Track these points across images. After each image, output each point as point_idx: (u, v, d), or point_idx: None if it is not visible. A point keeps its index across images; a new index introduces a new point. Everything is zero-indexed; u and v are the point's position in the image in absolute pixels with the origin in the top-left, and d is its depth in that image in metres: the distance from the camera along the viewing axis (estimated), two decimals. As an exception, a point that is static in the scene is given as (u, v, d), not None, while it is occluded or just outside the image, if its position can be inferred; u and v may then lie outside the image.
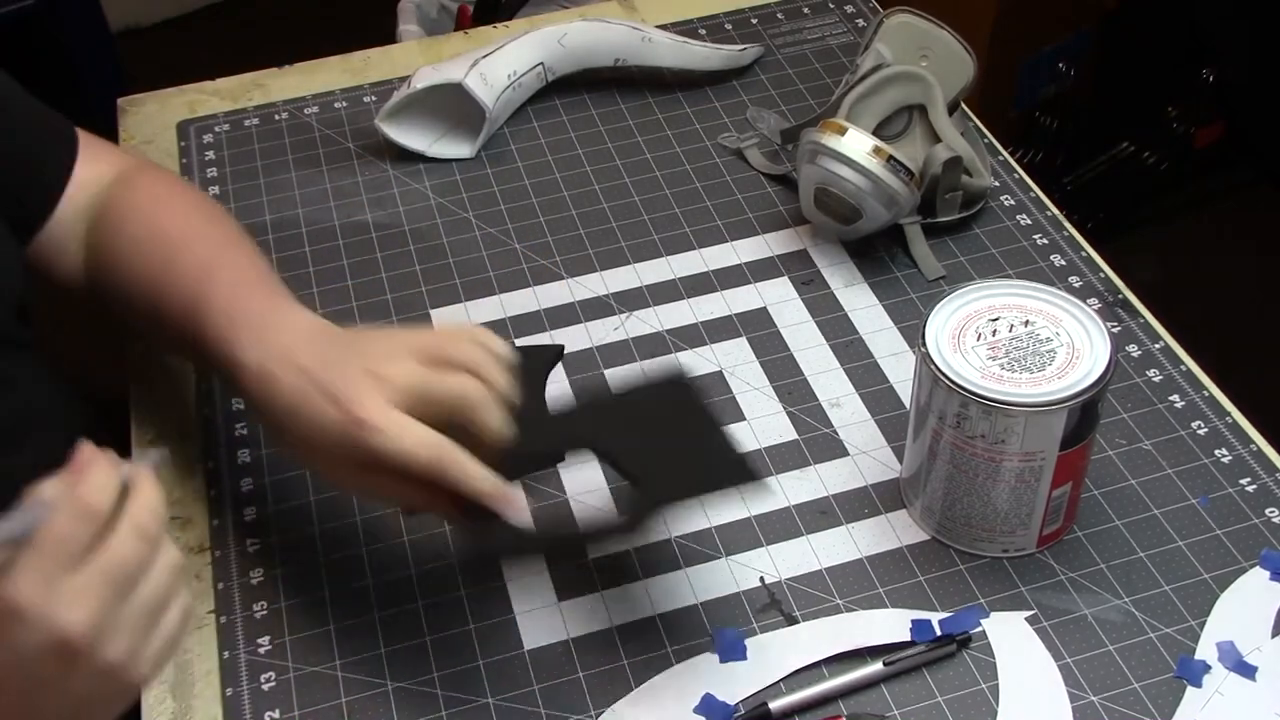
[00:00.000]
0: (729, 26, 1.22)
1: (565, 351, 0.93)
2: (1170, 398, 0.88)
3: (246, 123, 1.14)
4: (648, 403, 0.78)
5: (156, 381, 0.93)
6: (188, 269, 0.79)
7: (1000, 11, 2.00)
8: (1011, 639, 0.75)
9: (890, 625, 0.76)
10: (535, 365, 0.91)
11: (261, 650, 0.77)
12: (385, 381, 0.68)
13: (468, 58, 1.08)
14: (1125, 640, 0.75)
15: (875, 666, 0.74)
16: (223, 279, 0.78)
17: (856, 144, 0.92)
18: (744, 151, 1.09)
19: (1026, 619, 0.76)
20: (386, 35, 1.76)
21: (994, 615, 0.76)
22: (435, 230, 1.03)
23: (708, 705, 0.73)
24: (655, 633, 0.77)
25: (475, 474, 0.68)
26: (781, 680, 0.74)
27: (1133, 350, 0.91)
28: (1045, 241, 0.99)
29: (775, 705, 0.72)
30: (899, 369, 0.91)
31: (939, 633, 0.75)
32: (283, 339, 0.73)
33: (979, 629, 0.75)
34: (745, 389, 0.90)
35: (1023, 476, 0.74)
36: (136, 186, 0.86)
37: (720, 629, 0.76)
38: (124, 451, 0.89)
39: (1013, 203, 1.03)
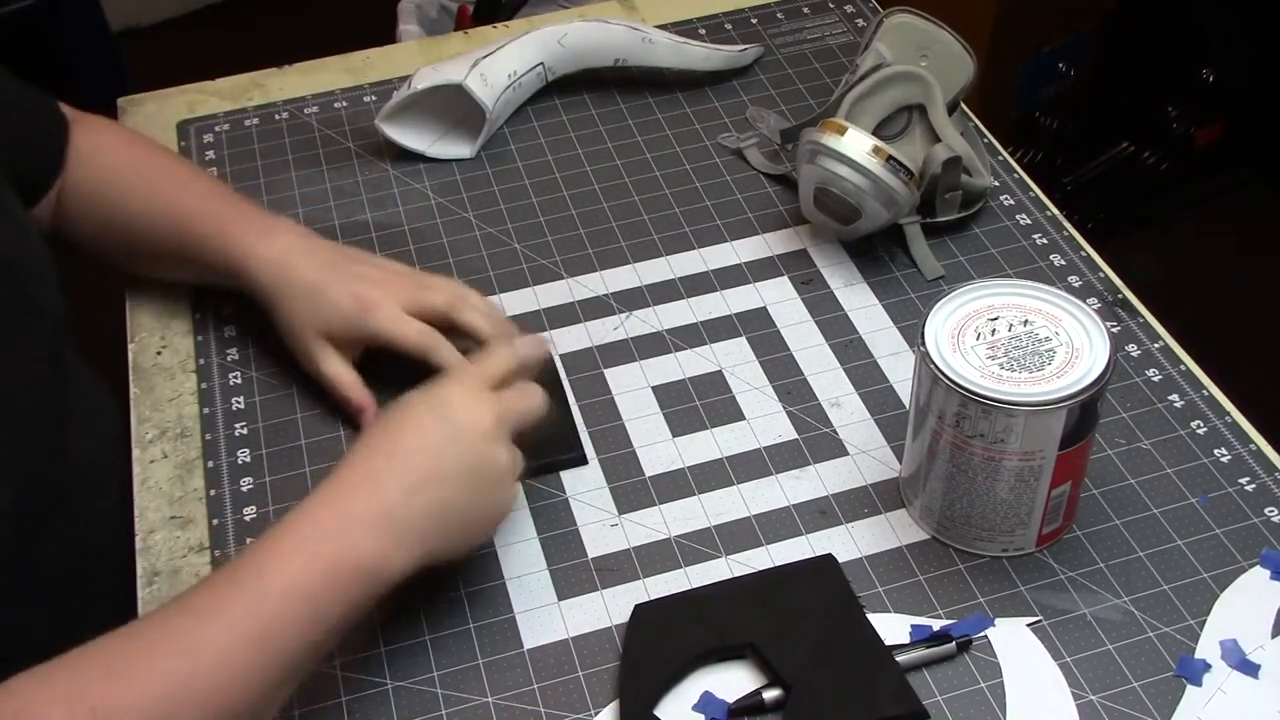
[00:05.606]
0: (729, 26, 1.22)
1: (564, 351, 0.93)
2: (1169, 397, 0.88)
3: (246, 123, 1.14)
4: (796, 591, 0.76)
5: (156, 381, 0.93)
6: (174, 185, 0.94)
7: (1000, 11, 2.00)
8: (1015, 644, 0.75)
9: (890, 629, 0.76)
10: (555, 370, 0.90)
11: (261, 650, 0.77)
12: (385, 290, 0.87)
13: (468, 58, 1.08)
14: (1124, 639, 0.75)
15: (875, 666, 0.74)
16: (213, 192, 0.94)
17: (856, 144, 0.92)
18: (744, 151, 1.09)
19: (1029, 625, 0.76)
20: (386, 35, 1.76)
21: (999, 622, 0.76)
22: (435, 230, 1.03)
23: (706, 703, 0.73)
24: (655, 632, 0.76)
25: (454, 360, 0.84)
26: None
27: (1132, 350, 0.91)
28: (1045, 241, 1.00)
29: (769, 695, 0.72)
30: (898, 368, 0.91)
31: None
32: (288, 237, 0.89)
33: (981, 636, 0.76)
34: (745, 388, 0.90)
35: (1022, 476, 0.74)
36: (110, 133, 0.98)
37: (720, 628, 0.76)
38: (125, 451, 0.89)
39: (1012, 202, 1.03)
